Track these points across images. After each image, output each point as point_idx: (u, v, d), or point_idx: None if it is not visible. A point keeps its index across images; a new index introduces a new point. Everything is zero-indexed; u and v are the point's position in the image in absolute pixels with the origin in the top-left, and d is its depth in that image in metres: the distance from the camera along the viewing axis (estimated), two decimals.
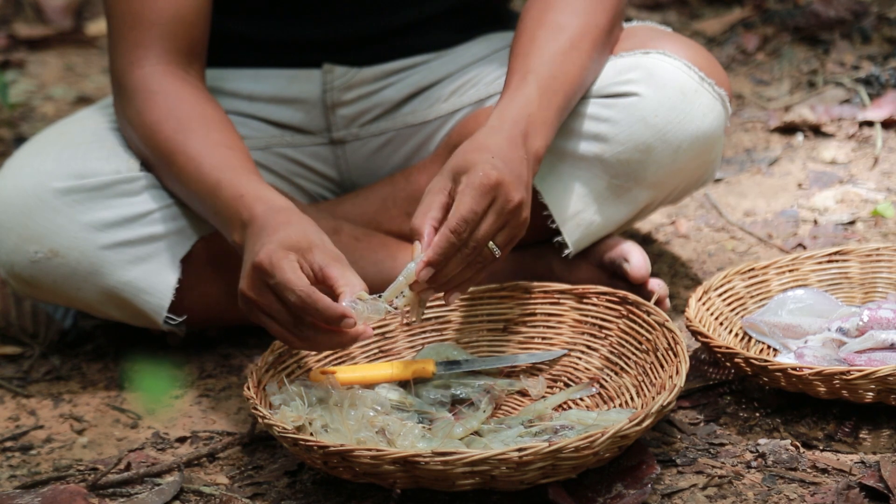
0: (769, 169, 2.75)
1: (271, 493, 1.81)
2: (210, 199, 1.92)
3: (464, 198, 1.80)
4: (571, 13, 2.02)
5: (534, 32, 2.00)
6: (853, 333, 1.95)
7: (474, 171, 1.81)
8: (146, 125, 2.01)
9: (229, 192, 1.89)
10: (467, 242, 1.81)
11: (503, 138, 1.87)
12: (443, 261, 1.80)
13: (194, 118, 1.99)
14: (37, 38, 3.87)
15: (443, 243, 1.79)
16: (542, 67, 1.96)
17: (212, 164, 1.93)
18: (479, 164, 1.82)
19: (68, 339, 2.30)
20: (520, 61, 1.97)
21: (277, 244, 1.77)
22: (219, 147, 1.96)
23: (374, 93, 2.23)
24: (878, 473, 1.72)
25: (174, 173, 1.99)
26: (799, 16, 3.32)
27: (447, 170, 1.85)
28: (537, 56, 1.97)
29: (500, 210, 1.82)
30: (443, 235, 1.80)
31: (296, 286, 1.74)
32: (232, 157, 1.95)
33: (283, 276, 1.75)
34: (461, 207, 1.80)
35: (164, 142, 1.98)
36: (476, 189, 1.80)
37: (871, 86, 3.01)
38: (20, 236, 2.06)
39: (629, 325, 1.94)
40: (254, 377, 1.85)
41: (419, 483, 1.68)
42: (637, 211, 2.14)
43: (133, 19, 2.03)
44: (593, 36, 2.02)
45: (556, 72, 1.96)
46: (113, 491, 1.83)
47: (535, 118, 1.91)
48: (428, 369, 1.93)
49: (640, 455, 1.76)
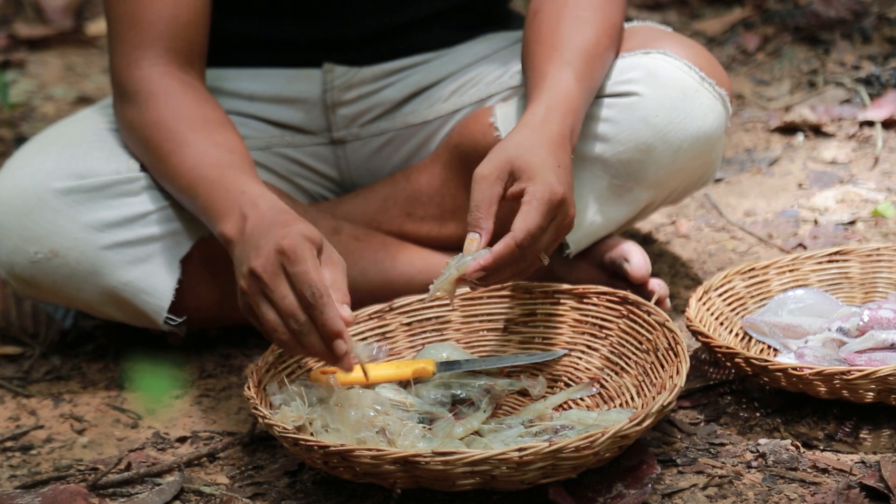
0: (769, 169, 2.75)
1: (272, 492, 1.81)
2: (207, 193, 1.90)
3: (532, 211, 1.79)
4: (591, 8, 2.01)
5: (556, 25, 1.99)
6: (853, 333, 1.95)
7: (542, 183, 1.79)
8: (146, 125, 2.00)
9: (231, 187, 1.88)
10: (526, 255, 1.81)
11: (556, 135, 1.86)
12: (501, 268, 1.80)
13: (195, 119, 1.99)
14: (37, 38, 3.88)
15: (505, 253, 1.79)
16: (576, 60, 1.95)
17: (212, 163, 1.93)
18: (543, 172, 1.80)
19: (68, 339, 2.30)
20: (549, 52, 1.96)
21: (301, 235, 1.75)
22: (220, 148, 1.96)
23: (375, 92, 2.23)
24: (878, 473, 1.72)
25: (171, 169, 1.97)
26: (799, 16, 3.32)
27: (503, 160, 1.83)
28: (568, 47, 1.95)
29: (559, 225, 1.83)
30: (507, 246, 1.78)
31: (315, 282, 1.72)
32: (234, 159, 1.95)
33: (307, 267, 1.73)
34: (529, 222, 1.79)
35: (164, 141, 1.98)
36: (544, 204, 1.79)
37: (872, 86, 3.01)
38: (20, 236, 2.06)
39: (629, 325, 1.94)
40: (254, 377, 1.85)
41: (419, 483, 1.68)
42: (637, 211, 2.14)
43: (132, 20, 2.03)
44: (610, 33, 2.02)
45: (588, 65, 1.96)
46: (113, 491, 1.83)
47: (578, 113, 1.91)
48: (428, 369, 1.93)
49: (641, 455, 1.76)
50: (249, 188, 1.88)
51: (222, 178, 1.90)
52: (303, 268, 1.73)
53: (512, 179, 1.82)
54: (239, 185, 1.89)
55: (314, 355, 1.79)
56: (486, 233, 1.80)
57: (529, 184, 1.80)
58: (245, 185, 1.89)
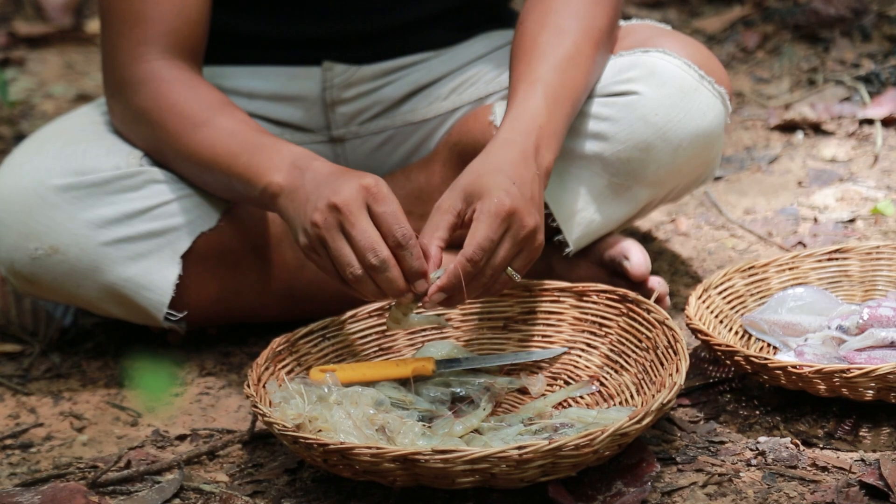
0: (769, 167, 2.75)
1: (271, 490, 1.81)
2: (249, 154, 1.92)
3: (479, 225, 1.80)
4: (572, 16, 2.01)
5: (535, 37, 1.99)
6: (853, 331, 1.95)
7: (489, 198, 1.81)
8: (160, 109, 2.00)
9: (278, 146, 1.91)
10: (484, 270, 1.81)
11: (516, 154, 1.87)
12: (457, 287, 1.80)
13: (213, 101, 2.01)
14: (37, 35, 3.87)
15: (458, 270, 1.80)
16: (549, 75, 1.95)
17: (251, 129, 1.96)
18: (493, 189, 1.81)
19: (68, 337, 2.30)
20: (524, 68, 1.97)
21: (381, 180, 1.80)
22: (247, 123, 1.98)
23: (374, 91, 2.23)
24: (877, 471, 1.72)
25: (193, 146, 1.98)
26: (799, 14, 3.32)
27: (458, 189, 1.85)
28: (542, 63, 1.96)
29: (514, 237, 1.82)
30: (459, 263, 1.80)
31: (407, 228, 1.78)
32: (266, 132, 1.97)
33: (395, 207, 1.79)
34: (477, 235, 1.80)
35: (183, 120, 1.98)
36: (491, 217, 1.80)
37: (871, 84, 3.01)
38: (20, 233, 2.06)
39: (629, 323, 1.94)
40: (254, 375, 1.85)
41: (419, 481, 1.68)
42: (637, 209, 2.14)
43: (136, 17, 2.03)
44: (595, 39, 2.02)
45: (562, 80, 1.96)
46: (113, 489, 1.83)
47: (546, 130, 1.91)
48: (428, 367, 1.93)
49: (640, 453, 1.76)
50: (294, 147, 1.91)
51: (262, 141, 1.93)
52: (391, 208, 1.79)
53: (466, 206, 1.84)
54: (282, 145, 1.92)
55: (388, 291, 1.80)
56: (433, 259, 1.81)
57: (478, 202, 1.82)
58: (288, 146, 1.92)
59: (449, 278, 1.80)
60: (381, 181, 1.80)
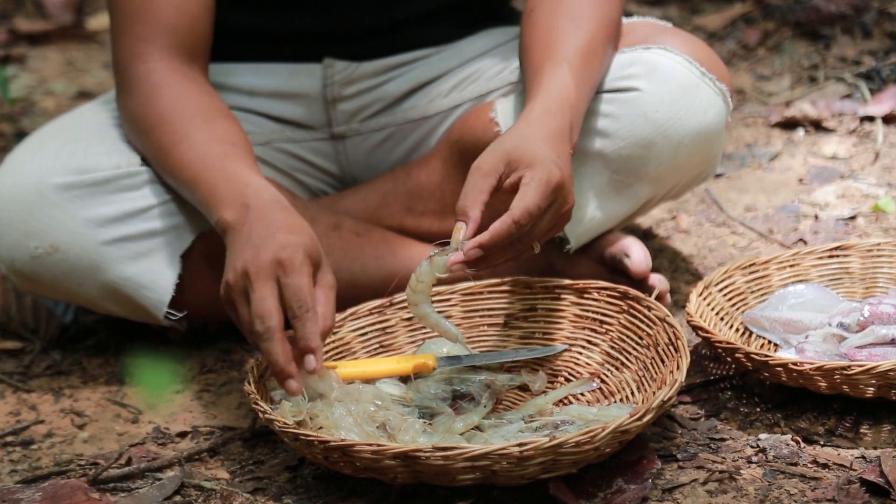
0: (770, 164, 2.75)
1: (272, 487, 1.81)
2: (209, 183, 1.90)
3: (530, 191, 1.78)
4: (587, 5, 2.01)
5: (551, 24, 1.99)
6: (854, 328, 1.95)
7: (542, 167, 1.79)
8: (148, 118, 2.00)
9: (234, 178, 1.89)
10: (523, 236, 1.80)
11: (556, 129, 1.86)
12: (497, 247, 1.79)
13: (197, 111, 1.99)
14: (37, 32, 3.87)
15: (502, 231, 1.77)
16: (573, 57, 1.94)
17: (216, 154, 1.93)
18: (544, 159, 1.80)
19: (69, 335, 2.30)
20: (545, 51, 1.95)
21: (303, 248, 1.77)
22: (223, 141, 1.96)
23: (375, 87, 2.23)
24: (878, 468, 1.72)
25: (173, 162, 1.97)
26: (800, 11, 3.32)
27: (500, 152, 1.82)
28: (565, 45, 1.95)
29: (557, 210, 1.82)
30: (504, 223, 1.77)
31: (305, 301, 1.75)
32: (237, 151, 1.95)
33: (300, 282, 1.75)
34: (527, 200, 1.78)
35: (166, 133, 1.98)
36: (543, 185, 1.79)
37: (872, 81, 3.01)
38: (21, 232, 2.06)
39: (630, 321, 1.94)
40: (254, 372, 1.85)
41: (420, 478, 1.68)
42: (638, 206, 2.14)
43: (138, 13, 2.03)
44: (609, 29, 2.02)
45: (585, 63, 1.95)
46: (114, 486, 1.83)
47: (577, 110, 1.91)
48: (428, 364, 1.93)
49: (641, 450, 1.76)
50: (252, 179, 1.89)
51: (225, 169, 1.91)
52: (297, 283, 1.75)
53: (509, 171, 1.82)
54: (242, 176, 1.89)
55: (266, 361, 1.77)
56: (473, 222, 1.79)
57: (528, 170, 1.80)
58: (248, 177, 1.89)
59: (492, 236, 1.78)
60: (297, 251, 1.77)
